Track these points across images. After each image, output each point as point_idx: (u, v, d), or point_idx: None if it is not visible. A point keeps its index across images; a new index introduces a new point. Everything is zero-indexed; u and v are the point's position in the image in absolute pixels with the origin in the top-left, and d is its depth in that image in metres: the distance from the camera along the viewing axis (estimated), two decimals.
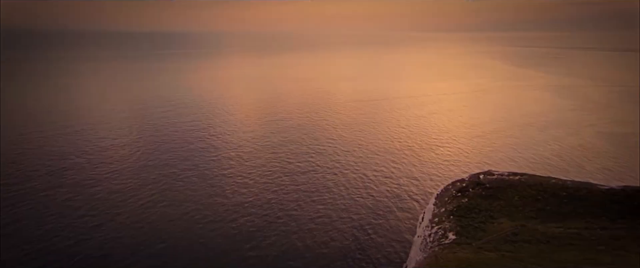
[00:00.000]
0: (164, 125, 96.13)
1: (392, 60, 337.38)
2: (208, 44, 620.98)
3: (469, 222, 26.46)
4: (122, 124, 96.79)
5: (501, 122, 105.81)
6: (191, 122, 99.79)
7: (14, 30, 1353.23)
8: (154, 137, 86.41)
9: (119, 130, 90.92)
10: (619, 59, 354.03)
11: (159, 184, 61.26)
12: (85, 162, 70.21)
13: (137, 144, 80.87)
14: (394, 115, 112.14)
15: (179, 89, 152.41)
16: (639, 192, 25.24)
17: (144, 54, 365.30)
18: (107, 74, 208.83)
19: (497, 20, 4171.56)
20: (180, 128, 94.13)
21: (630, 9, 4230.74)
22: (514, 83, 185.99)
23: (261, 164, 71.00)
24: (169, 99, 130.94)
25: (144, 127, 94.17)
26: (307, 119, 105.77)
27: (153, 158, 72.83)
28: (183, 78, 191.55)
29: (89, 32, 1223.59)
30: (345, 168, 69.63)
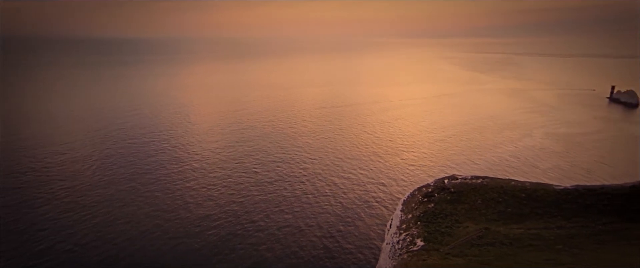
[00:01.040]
0: (123, 137, 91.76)
1: (357, 66, 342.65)
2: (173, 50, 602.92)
3: (435, 227, 26.87)
4: (75, 137, 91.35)
5: (461, 125, 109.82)
6: (152, 133, 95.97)
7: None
8: (110, 149, 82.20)
9: (71, 144, 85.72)
10: (567, 64, 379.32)
11: (116, 200, 58.14)
12: (32, 179, 65.47)
13: (92, 158, 76.54)
14: (359, 122, 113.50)
15: (139, 98, 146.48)
16: (589, 190, 26.71)
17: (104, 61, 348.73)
18: (63, 81, 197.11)
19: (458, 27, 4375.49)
20: (139, 139, 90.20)
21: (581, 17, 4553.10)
22: (472, 87, 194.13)
23: (226, 175, 69.30)
24: (128, 108, 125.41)
25: (100, 139, 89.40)
26: (273, 127, 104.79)
27: (110, 173, 69.14)
28: (144, 86, 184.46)
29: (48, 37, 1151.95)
30: (313, 176, 69.37)
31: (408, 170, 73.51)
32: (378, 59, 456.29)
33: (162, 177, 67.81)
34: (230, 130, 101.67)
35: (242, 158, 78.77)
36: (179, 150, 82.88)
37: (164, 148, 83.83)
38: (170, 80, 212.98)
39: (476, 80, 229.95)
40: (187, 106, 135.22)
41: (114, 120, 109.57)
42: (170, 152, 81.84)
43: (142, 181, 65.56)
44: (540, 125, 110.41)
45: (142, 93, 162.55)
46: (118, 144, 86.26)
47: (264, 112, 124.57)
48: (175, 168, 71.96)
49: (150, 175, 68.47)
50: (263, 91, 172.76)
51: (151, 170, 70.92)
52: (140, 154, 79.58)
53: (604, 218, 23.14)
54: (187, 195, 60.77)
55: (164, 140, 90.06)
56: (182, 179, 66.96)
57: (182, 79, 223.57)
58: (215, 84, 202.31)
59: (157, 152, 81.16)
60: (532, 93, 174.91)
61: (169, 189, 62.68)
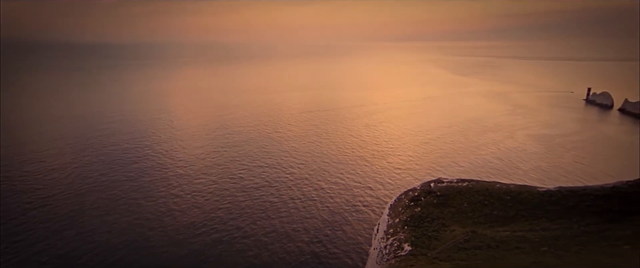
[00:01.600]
0: (104, 144, 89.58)
1: (342, 70, 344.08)
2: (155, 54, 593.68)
3: (422, 231, 26.94)
4: (54, 144, 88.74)
5: (445, 128, 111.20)
6: (134, 139, 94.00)
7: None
8: (91, 157, 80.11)
9: (50, 151, 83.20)
10: (547, 67, 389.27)
11: (97, 209, 56.58)
12: (7, 189, 63.19)
13: (72, 166, 74.42)
14: (345, 125, 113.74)
15: (121, 103, 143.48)
16: (571, 192, 27.24)
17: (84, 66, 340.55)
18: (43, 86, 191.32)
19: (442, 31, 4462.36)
20: (121, 146, 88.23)
21: (559, 20, 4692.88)
22: (456, 90, 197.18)
23: (212, 181, 68.32)
24: (109, 114, 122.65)
25: (80, 146, 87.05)
26: (258, 132, 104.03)
27: (90, 181, 67.32)
28: (127, 91, 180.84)
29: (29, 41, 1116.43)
30: (300, 181, 69.01)
31: (394, 173, 73.89)
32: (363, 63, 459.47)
33: (145, 184, 66.38)
34: (215, 135, 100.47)
35: (227, 163, 77.85)
36: (163, 157, 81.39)
37: (146, 155, 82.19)
38: (152, 85, 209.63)
39: (459, 83, 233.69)
40: (171, 111, 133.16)
41: (95, 126, 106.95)
42: (153, 158, 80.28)
43: (124, 189, 64.04)
44: (522, 127, 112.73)
45: (124, 98, 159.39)
46: (99, 151, 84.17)
47: (249, 117, 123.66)
48: (158, 175, 70.57)
49: (133, 182, 66.96)
50: (248, 95, 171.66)
51: (134, 177, 69.36)
52: (122, 161, 77.80)
53: (586, 219, 23.60)
54: (171, 202, 59.62)
55: (146, 146, 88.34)
56: (166, 186, 65.68)
57: (165, 84, 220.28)
58: (199, 88, 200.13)
59: (140, 159, 79.50)
60: (513, 95, 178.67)
61: (152, 196, 61.38)
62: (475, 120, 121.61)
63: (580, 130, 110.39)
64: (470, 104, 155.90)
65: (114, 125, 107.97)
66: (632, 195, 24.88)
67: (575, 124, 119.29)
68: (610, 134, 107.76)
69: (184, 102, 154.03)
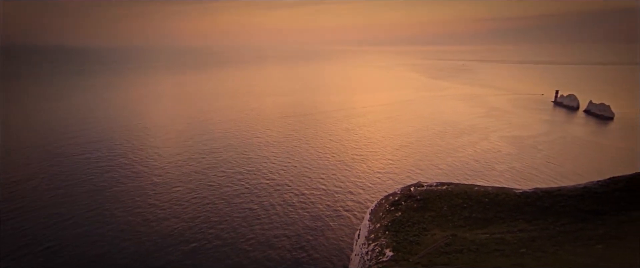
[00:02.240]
0: (75, 153, 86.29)
1: (320, 74, 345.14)
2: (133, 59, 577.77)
3: (404, 236, 27.10)
4: (22, 153, 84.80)
5: (423, 131, 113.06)
6: (108, 148, 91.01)
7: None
8: (61, 166, 76.97)
9: (17, 160, 79.42)
10: (519, 70, 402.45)
11: (69, 222, 54.32)
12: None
13: (40, 176, 71.28)
14: (325, 130, 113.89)
15: (94, 109, 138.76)
16: (546, 193, 28.07)
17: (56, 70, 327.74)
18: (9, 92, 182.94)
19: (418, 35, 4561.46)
20: (94, 154, 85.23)
21: (530, 25, 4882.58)
22: (432, 94, 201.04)
23: (190, 189, 66.84)
24: (82, 121, 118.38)
25: (50, 155, 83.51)
26: (237, 138, 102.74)
27: (61, 192, 64.63)
28: (100, 97, 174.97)
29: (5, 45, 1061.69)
30: (280, 187, 68.46)
31: (375, 177, 74.37)
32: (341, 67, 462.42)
33: (119, 193, 64.27)
34: (192, 142, 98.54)
35: (206, 170, 76.42)
36: (138, 165, 79.11)
37: (120, 164, 79.68)
38: (127, 91, 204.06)
39: (436, 86, 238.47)
40: (146, 117, 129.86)
41: (66, 134, 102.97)
42: (127, 167, 77.90)
43: (97, 199, 61.78)
44: (495, 129, 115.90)
45: (97, 104, 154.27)
46: (69, 160, 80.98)
47: (227, 123, 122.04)
48: (133, 184, 68.48)
49: (106, 192, 64.70)
50: (225, 101, 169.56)
51: (107, 187, 67.05)
52: (94, 170, 75.11)
53: (561, 220, 24.33)
54: (148, 212, 57.91)
55: (120, 155, 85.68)
56: (141, 195, 63.78)
57: (141, 89, 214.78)
58: (176, 93, 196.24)
59: (113, 168, 76.97)
60: (487, 98, 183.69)
61: (127, 207, 59.46)
62: (451, 123, 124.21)
63: (550, 131, 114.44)
64: (446, 107, 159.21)
65: (85, 133, 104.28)
66: (602, 195, 25.84)
67: (544, 125, 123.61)
68: (577, 134, 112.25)
69: (160, 108, 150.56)
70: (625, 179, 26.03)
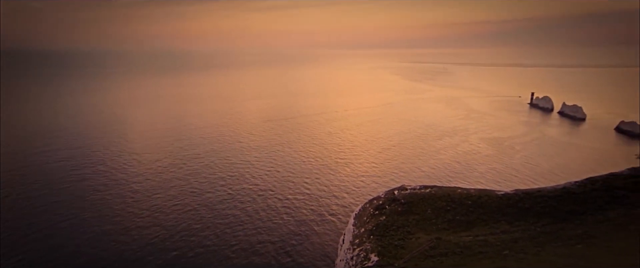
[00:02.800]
0: (49, 160, 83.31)
1: (301, 78, 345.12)
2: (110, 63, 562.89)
3: (388, 240, 27.14)
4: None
5: (405, 134, 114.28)
6: (85, 155, 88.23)
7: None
8: (34, 175, 74.13)
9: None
10: (497, 73, 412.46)
11: (43, 232, 52.27)
12: None
13: (11, 184, 68.41)
14: (307, 134, 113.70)
15: (70, 114, 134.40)
16: (527, 194, 28.66)
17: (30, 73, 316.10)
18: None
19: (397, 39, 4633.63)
20: (69, 162, 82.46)
21: (506, 29, 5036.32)
22: (413, 96, 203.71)
23: (172, 196, 65.41)
24: (57, 126, 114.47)
25: (22, 163, 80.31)
26: (220, 143, 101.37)
27: (35, 201, 62.18)
28: (77, 101, 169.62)
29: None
30: (264, 192, 67.81)
31: (359, 180, 74.56)
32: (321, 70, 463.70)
33: (96, 202, 62.30)
34: (173, 147, 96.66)
35: (187, 177, 75.01)
36: (117, 172, 76.98)
37: (98, 171, 77.38)
38: (106, 95, 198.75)
39: (416, 89, 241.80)
40: (124, 123, 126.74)
41: (40, 139, 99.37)
42: (106, 174, 75.70)
43: (74, 208, 59.72)
44: (475, 131, 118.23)
45: (73, 109, 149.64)
46: (44, 168, 78.12)
47: (209, 127, 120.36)
48: (112, 192, 66.55)
49: (83, 201, 62.62)
50: (206, 105, 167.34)
51: (84, 195, 64.91)
52: (71, 178, 72.65)
53: (542, 220, 24.85)
54: (127, 220, 56.32)
55: (98, 162, 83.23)
56: (120, 203, 62.02)
57: (120, 94, 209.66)
58: (156, 98, 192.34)
59: (91, 175, 74.66)
60: (466, 100, 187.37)
61: (106, 215, 57.70)
62: (432, 125, 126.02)
63: (526, 133, 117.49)
64: (427, 109, 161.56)
65: (60, 140, 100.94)
66: (580, 195, 26.57)
67: (521, 126, 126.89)
68: (552, 135, 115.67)
69: (139, 113, 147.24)
70: (601, 179, 26.87)
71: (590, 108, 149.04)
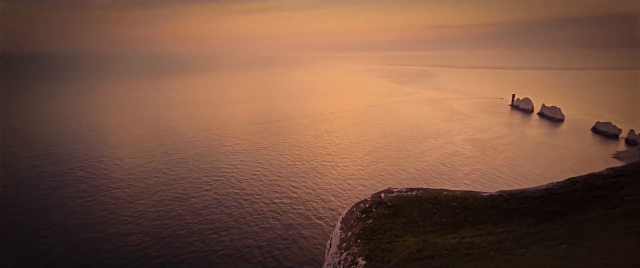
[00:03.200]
0: (28, 166, 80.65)
1: (285, 80, 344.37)
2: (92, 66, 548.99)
3: (376, 244, 27.16)
4: None
5: (390, 136, 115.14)
6: (65, 161, 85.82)
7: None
8: (11, 182, 71.61)
9: None
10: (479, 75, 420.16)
11: (23, 239, 50.46)
12: None
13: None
14: (293, 137, 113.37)
15: (49, 120, 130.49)
16: (511, 195, 29.14)
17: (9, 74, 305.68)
18: None
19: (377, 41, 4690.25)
20: (49, 169, 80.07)
21: (492, 32, 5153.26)
22: (396, 99, 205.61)
23: (156, 202, 64.12)
24: (35, 132, 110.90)
25: None
26: (204, 147, 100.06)
27: (15, 209, 60.04)
28: (56, 106, 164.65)
29: None
30: (250, 196, 67.19)
31: (346, 183, 74.64)
32: (305, 74, 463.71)
33: (78, 209, 60.59)
34: (157, 152, 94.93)
35: (172, 182, 73.70)
36: (98, 178, 75.09)
37: (79, 177, 75.32)
38: (83, 100, 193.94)
39: (399, 91, 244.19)
40: (106, 128, 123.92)
41: (14, 146, 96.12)
42: (86, 180, 73.75)
43: (54, 216, 57.92)
44: (459, 133, 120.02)
45: (50, 114, 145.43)
46: (23, 174, 75.59)
47: (193, 131, 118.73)
48: (93, 199, 64.84)
49: (64, 208, 60.82)
50: (189, 109, 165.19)
51: (64, 202, 63.05)
52: (49, 185, 70.51)
53: (526, 221, 25.29)
54: (110, 227, 54.91)
55: (78, 168, 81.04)
56: (102, 210, 60.46)
57: (98, 98, 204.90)
58: (139, 102, 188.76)
59: (71, 182, 72.62)
60: (449, 102, 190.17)
61: (87, 223, 56.14)
62: (417, 127, 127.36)
63: (508, 134, 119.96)
64: (411, 111, 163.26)
65: (38, 145, 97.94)
66: (562, 196, 27.16)
67: (503, 127, 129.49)
68: (532, 136, 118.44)
69: (120, 117, 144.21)
70: (582, 179, 27.55)
71: (569, 109, 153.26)
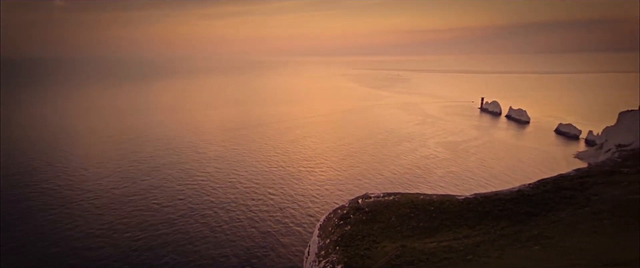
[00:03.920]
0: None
1: (258, 85, 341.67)
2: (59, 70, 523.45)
3: (354, 250, 27.08)
4: None
5: (365, 140, 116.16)
6: (26, 172, 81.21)
7: None
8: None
9: None
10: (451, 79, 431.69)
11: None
12: None
13: None
14: (268, 142, 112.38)
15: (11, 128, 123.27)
16: (485, 198, 29.84)
17: None
18: None
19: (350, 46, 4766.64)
20: (8, 180, 75.53)
21: (456, 37, 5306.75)
22: (370, 103, 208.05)
23: (127, 213, 61.69)
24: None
25: None
26: (177, 155, 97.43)
27: None
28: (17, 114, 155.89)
29: None
30: (226, 204, 65.86)
31: (323, 189, 74.45)
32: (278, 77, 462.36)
33: (43, 223, 57.40)
34: (127, 161, 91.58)
35: (143, 191, 71.20)
36: (63, 189, 71.55)
37: (42, 189, 71.47)
38: (48, 107, 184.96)
39: (373, 96, 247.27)
40: (72, 136, 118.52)
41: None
42: (51, 192, 70.09)
43: (15, 231, 54.62)
44: (432, 136, 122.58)
45: (12, 122, 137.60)
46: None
47: (165, 139, 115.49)
48: (59, 211, 61.67)
49: (26, 223, 57.48)
50: (161, 115, 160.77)
51: (25, 216, 59.61)
52: (10, 197, 66.52)
53: (500, 223, 25.91)
54: (77, 241, 52.36)
55: (42, 180, 76.94)
56: (69, 223, 57.59)
57: (65, 105, 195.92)
58: (103, 108, 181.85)
59: (35, 194, 68.79)
60: (422, 106, 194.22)
61: (52, 237, 53.25)
62: (391, 131, 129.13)
63: (479, 136, 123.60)
64: (385, 115, 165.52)
65: None
66: (533, 197, 28.06)
67: (474, 130, 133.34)
68: (501, 137, 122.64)
69: (89, 125, 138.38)
70: (551, 180, 28.58)
71: (534, 111, 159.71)
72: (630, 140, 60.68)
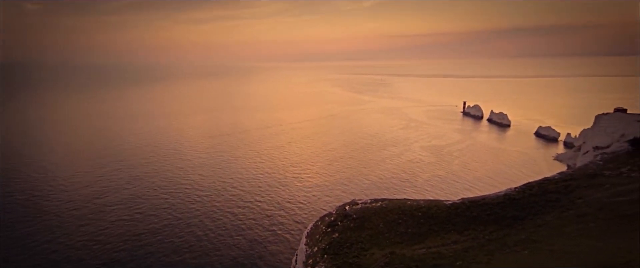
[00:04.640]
0: None
1: (242, 91, 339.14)
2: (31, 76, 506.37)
3: (343, 258, 26.83)
4: None
5: (350, 145, 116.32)
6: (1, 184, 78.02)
7: None
8: None
9: None
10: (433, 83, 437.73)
11: None
12: None
13: None
14: (253, 148, 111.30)
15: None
16: (473, 202, 30.03)
17: None
18: None
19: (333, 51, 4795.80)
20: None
21: (445, 41, 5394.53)
22: (354, 108, 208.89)
23: (109, 223, 59.84)
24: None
25: None
26: (161, 163, 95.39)
27: None
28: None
29: None
30: (212, 212, 64.69)
31: (310, 194, 73.98)
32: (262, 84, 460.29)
33: (19, 235, 55.12)
34: (108, 169, 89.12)
35: (126, 201, 69.29)
36: (41, 200, 69.01)
37: (18, 200, 68.79)
38: (27, 114, 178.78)
39: (357, 100, 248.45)
40: (52, 144, 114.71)
41: None
42: (27, 203, 67.50)
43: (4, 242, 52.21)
44: (416, 140, 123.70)
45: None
46: None
47: (148, 146, 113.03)
48: (38, 223, 59.38)
49: (4, 235, 55.02)
50: (143, 122, 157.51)
51: (4, 229, 57.07)
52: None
53: (488, 228, 26.09)
54: (56, 253, 50.49)
55: (18, 190, 74.08)
56: (48, 235, 55.52)
57: (43, 112, 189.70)
58: (85, 115, 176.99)
59: (12, 205, 66.09)
60: (405, 110, 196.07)
61: (30, 251, 51.13)
62: (375, 136, 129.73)
63: (461, 140, 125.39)
64: (369, 120, 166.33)
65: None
66: (519, 201, 28.40)
67: (457, 134, 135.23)
68: (483, 141, 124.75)
69: (70, 132, 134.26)
70: (537, 184, 29.01)
71: (514, 115, 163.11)
72: (606, 142, 62.40)
